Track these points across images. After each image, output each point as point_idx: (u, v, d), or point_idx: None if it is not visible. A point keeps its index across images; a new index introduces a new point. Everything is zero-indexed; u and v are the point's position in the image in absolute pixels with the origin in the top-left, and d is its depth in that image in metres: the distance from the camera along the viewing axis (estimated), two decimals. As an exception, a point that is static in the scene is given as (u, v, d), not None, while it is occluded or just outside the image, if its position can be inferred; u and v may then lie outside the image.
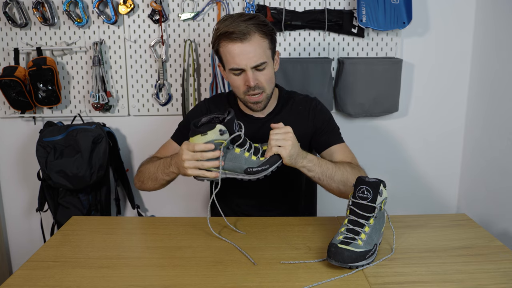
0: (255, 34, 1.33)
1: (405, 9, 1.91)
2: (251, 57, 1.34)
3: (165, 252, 1.22)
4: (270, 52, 1.40)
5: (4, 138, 2.12)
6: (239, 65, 1.35)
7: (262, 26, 1.35)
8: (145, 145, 2.14)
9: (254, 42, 1.33)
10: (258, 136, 1.48)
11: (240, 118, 1.50)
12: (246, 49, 1.33)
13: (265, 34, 1.36)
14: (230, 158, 1.23)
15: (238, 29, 1.31)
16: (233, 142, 1.23)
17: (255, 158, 1.24)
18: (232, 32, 1.32)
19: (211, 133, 1.19)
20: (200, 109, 1.56)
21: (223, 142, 1.20)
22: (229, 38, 1.33)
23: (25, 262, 1.15)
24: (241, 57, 1.34)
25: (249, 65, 1.35)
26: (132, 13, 1.98)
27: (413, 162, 2.18)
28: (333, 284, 1.04)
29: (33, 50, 1.98)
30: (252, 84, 1.36)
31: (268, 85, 1.41)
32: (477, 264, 1.13)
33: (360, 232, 1.12)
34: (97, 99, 2.00)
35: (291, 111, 1.52)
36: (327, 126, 1.51)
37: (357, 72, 1.95)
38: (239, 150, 1.24)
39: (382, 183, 1.15)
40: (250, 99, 1.41)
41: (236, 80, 1.39)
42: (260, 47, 1.35)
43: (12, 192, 2.18)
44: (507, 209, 1.78)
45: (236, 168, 1.24)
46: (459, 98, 2.12)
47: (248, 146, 1.26)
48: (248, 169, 1.24)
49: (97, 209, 2.04)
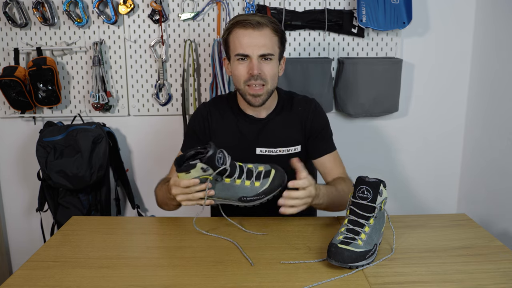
0: (267, 27, 1.38)
1: (405, 9, 1.91)
2: (259, 46, 1.36)
3: (165, 252, 1.22)
4: (278, 50, 1.42)
5: (4, 138, 2.12)
6: (246, 51, 1.37)
7: (275, 24, 1.40)
8: (145, 145, 2.15)
9: (265, 33, 1.37)
10: (260, 137, 1.49)
11: (240, 120, 1.51)
12: (256, 37, 1.36)
13: (276, 31, 1.40)
14: (222, 188, 1.21)
15: (253, 18, 1.36)
16: (221, 173, 1.19)
17: (249, 184, 1.21)
18: (247, 20, 1.36)
19: (194, 171, 1.16)
20: (201, 113, 1.55)
21: (208, 177, 1.18)
22: (242, 24, 1.37)
23: (25, 262, 1.14)
24: (250, 43, 1.36)
25: (256, 53, 1.37)
26: (132, 13, 1.98)
27: (413, 162, 2.18)
28: (333, 284, 1.04)
29: (33, 50, 1.98)
30: (255, 72, 1.36)
31: (271, 79, 1.41)
32: (477, 264, 1.13)
33: (360, 232, 1.12)
34: (97, 99, 2.00)
35: (291, 111, 1.52)
36: (323, 132, 1.52)
37: (357, 72, 1.95)
38: (229, 180, 1.20)
39: (382, 183, 1.15)
40: (250, 90, 1.40)
41: (240, 68, 1.40)
42: (270, 40, 1.38)
43: (12, 192, 2.18)
44: (507, 209, 1.78)
45: (230, 197, 1.22)
46: (459, 98, 2.12)
47: (238, 173, 1.21)
48: (242, 198, 1.21)
49: (97, 209, 2.04)
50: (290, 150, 1.50)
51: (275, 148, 1.49)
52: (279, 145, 1.49)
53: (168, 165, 1.54)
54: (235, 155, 1.51)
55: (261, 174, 1.22)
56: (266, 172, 1.22)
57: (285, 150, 1.50)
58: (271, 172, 1.23)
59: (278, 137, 1.49)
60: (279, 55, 1.44)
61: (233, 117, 1.52)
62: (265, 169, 1.23)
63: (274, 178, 1.22)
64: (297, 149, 1.51)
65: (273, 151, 1.49)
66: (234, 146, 1.50)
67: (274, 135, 1.49)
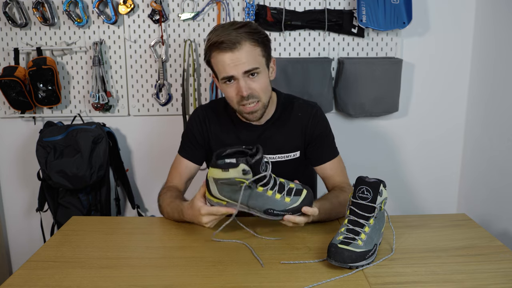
0: (245, 43, 1.29)
1: (405, 9, 1.91)
2: (241, 64, 1.30)
3: (165, 252, 1.22)
4: (263, 59, 1.35)
5: (4, 138, 2.12)
6: (230, 73, 1.31)
7: (254, 33, 1.32)
8: (145, 145, 2.15)
9: (244, 50, 1.30)
10: (259, 142, 1.48)
11: (238, 126, 1.48)
12: (236, 57, 1.29)
13: (256, 42, 1.32)
14: (251, 196, 1.15)
15: (228, 38, 1.28)
16: (256, 181, 1.13)
17: (279, 197, 1.16)
18: (222, 42, 1.29)
19: (233, 171, 1.10)
20: (198, 116, 1.52)
21: (245, 182, 1.11)
22: (219, 48, 1.30)
23: (25, 262, 1.14)
24: (231, 65, 1.30)
25: (240, 71, 1.30)
26: (132, 13, 1.98)
27: (413, 162, 2.18)
28: (333, 284, 1.04)
29: (33, 50, 1.98)
30: (245, 94, 1.31)
31: (263, 93, 1.36)
32: (477, 264, 1.13)
33: (360, 232, 1.12)
34: (97, 99, 2.00)
35: (290, 117, 1.48)
36: (324, 138, 1.49)
37: (357, 72, 1.95)
38: (262, 189, 1.14)
39: (382, 183, 1.15)
40: (245, 109, 1.36)
41: (229, 90, 1.35)
42: (250, 55, 1.31)
43: (12, 192, 2.18)
44: (507, 209, 1.78)
45: (256, 206, 1.16)
46: (459, 98, 2.12)
47: (272, 184, 1.16)
48: (269, 210, 1.16)
49: (97, 209, 2.04)
50: (289, 156, 1.49)
51: (274, 154, 1.48)
52: (278, 151, 1.48)
53: (169, 165, 1.54)
54: None
55: (292, 190, 1.18)
56: (298, 190, 1.18)
57: (284, 156, 1.48)
58: (302, 192, 1.19)
59: (277, 143, 1.47)
60: (266, 62, 1.37)
61: (231, 124, 1.50)
62: (296, 187, 1.19)
63: (305, 198, 1.18)
64: (296, 155, 1.50)
65: (272, 157, 1.47)
66: None
67: (272, 142, 1.47)
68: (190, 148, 1.51)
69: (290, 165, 1.50)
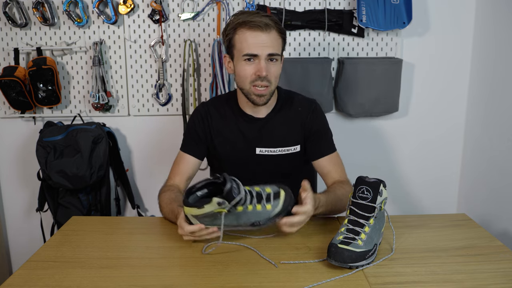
0: (274, 30, 1.38)
1: (405, 9, 1.91)
2: (268, 46, 1.37)
3: (165, 252, 1.22)
4: (281, 51, 1.43)
5: (4, 138, 2.12)
6: (255, 52, 1.37)
7: (280, 26, 1.41)
8: (145, 145, 2.15)
9: (272, 35, 1.38)
10: (259, 137, 1.49)
11: (239, 119, 1.51)
12: (264, 38, 1.37)
13: (281, 33, 1.41)
14: (234, 217, 1.15)
15: (261, 20, 1.36)
16: (234, 204, 1.13)
17: (260, 208, 1.16)
18: (253, 21, 1.36)
19: (208, 206, 1.11)
20: (200, 113, 1.54)
21: (223, 211, 1.12)
22: (249, 25, 1.37)
23: (25, 262, 1.14)
24: (258, 44, 1.37)
25: (265, 52, 1.37)
26: (132, 13, 1.98)
27: (413, 162, 2.18)
28: (333, 284, 1.04)
29: (33, 50, 1.98)
30: (264, 74, 1.37)
31: (275, 80, 1.43)
32: (477, 264, 1.13)
33: (360, 232, 1.12)
34: (97, 99, 2.00)
35: (290, 111, 1.52)
36: (322, 133, 1.51)
37: (357, 72, 1.95)
38: (241, 207, 1.14)
39: (382, 183, 1.15)
40: (256, 91, 1.41)
41: (247, 68, 1.39)
42: (276, 41, 1.39)
43: (12, 192, 2.18)
44: (507, 209, 1.78)
45: (242, 224, 1.17)
46: (459, 98, 2.12)
47: (249, 198, 1.15)
48: (255, 223, 1.17)
49: (97, 209, 2.04)
50: (289, 149, 1.50)
51: (275, 148, 1.49)
52: (279, 145, 1.50)
53: (169, 165, 1.54)
54: (236, 155, 1.51)
55: (270, 196, 1.18)
56: (275, 194, 1.18)
57: (285, 150, 1.50)
58: (280, 194, 1.18)
59: (277, 136, 1.50)
60: (282, 55, 1.45)
61: (232, 117, 1.52)
62: (273, 191, 1.19)
63: (285, 200, 1.18)
64: (296, 149, 1.51)
65: (273, 151, 1.49)
66: (235, 146, 1.50)
67: (273, 135, 1.49)
68: (192, 144, 1.52)
69: (291, 159, 1.52)
